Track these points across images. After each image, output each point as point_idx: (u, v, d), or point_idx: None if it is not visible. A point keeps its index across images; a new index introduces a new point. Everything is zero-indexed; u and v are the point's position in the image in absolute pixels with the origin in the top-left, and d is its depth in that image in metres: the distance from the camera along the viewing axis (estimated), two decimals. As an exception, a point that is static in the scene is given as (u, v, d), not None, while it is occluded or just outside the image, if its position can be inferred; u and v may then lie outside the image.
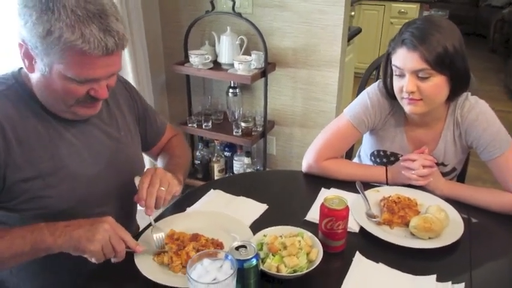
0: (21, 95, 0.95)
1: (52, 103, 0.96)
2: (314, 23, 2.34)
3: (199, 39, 2.57)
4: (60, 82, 0.88)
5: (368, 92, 1.40)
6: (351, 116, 1.39)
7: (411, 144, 1.41)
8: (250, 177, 1.30)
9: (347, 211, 1.04)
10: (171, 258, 0.98)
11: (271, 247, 0.98)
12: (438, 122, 1.36)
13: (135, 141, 1.20)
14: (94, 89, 0.92)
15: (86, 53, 0.84)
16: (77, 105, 0.94)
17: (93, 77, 0.89)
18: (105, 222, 0.90)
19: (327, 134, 1.42)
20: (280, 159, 2.74)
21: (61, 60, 0.84)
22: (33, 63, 0.89)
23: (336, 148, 1.42)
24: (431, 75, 1.20)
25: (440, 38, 1.18)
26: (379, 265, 1.01)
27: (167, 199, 1.03)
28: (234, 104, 2.55)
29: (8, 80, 0.96)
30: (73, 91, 0.90)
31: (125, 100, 1.18)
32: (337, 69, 2.40)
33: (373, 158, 1.49)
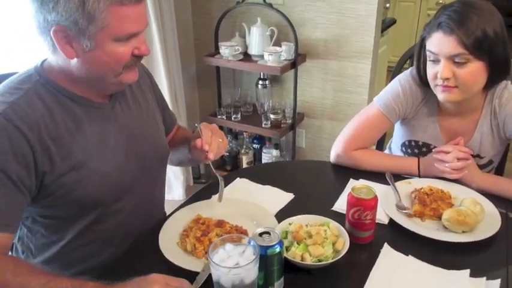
0: (48, 90, 0.95)
1: (98, 81, 0.96)
2: (346, 13, 2.29)
3: (229, 31, 2.56)
4: (108, 50, 0.90)
5: (400, 80, 1.35)
6: (381, 104, 1.35)
7: (445, 134, 1.35)
8: (277, 166, 1.28)
9: (375, 201, 1.01)
10: (194, 245, 0.98)
11: (296, 235, 0.96)
12: (474, 111, 1.30)
13: (160, 126, 1.20)
14: (137, 47, 0.95)
15: (124, 4, 0.87)
16: (125, 70, 0.96)
17: (136, 30, 0.92)
18: (153, 282, 0.80)
19: (356, 123, 1.38)
20: (310, 152, 2.71)
21: (104, 22, 0.87)
22: (72, 47, 0.89)
23: (365, 137, 1.37)
24: (468, 61, 1.14)
25: (480, 22, 1.12)
26: (409, 258, 0.98)
27: (222, 152, 1.11)
28: (263, 96, 2.53)
29: (32, 76, 0.95)
30: (121, 54, 0.92)
31: (147, 85, 1.18)
32: (369, 60, 2.34)
33: (404, 149, 1.44)
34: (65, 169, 0.95)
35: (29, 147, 0.89)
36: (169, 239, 1.02)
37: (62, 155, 0.94)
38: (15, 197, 0.89)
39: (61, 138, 0.94)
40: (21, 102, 0.91)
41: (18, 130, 0.88)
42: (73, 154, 0.96)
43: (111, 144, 1.03)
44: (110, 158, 1.03)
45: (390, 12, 4.20)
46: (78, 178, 0.97)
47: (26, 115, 0.89)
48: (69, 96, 0.97)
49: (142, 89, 1.15)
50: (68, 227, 1.03)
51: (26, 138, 0.88)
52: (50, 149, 0.92)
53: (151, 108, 1.17)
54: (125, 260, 1.00)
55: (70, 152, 0.95)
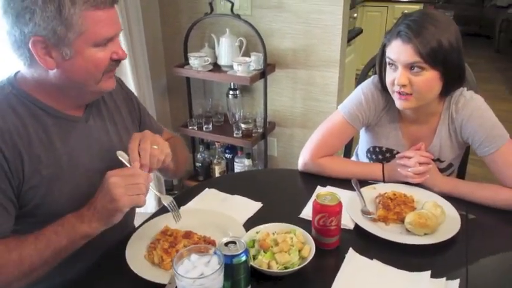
0: (21, 101, 0.95)
1: (78, 89, 0.96)
2: (313, 23, 2.34)
3: (199, 42, 2.58)
4: (87, 55, 0.91)
5: (362, 88, 1.39)
6: (345, 112, 1.38)
7: (407, 140, 1.39)
8: (246, 176, 1.29)
9: (340, 207, 1.03)
10: (161, 257, 0.98)
11: (263, 244, 0.97)
12: (433, 117, 1.35)
13: None
14: (114, 51, 0.96)
15: (99, 8, 0.89)
16: (104, 76, 0.96)
17: (112, 33, 0.94)
18: (109, 178, 0.90)
19: (322, 131, 1.41)
20: (282, 160, 2.73)
21: (82, 28, 0.88)
22: (52, 57, 0.90)
23: (331, 145, 1.40)
24: (423, 69, 1.19)
25: (436, 32, 1.17)
26: (373, 261, 1.00)
27: (161, 159, 1.01)
28: (234, 105, 2.54)
29: (4, 87, 0.96)
30: (100, 59, 0.93)
31: (121, 98, 1.18)
32: (336, 69, 2.39)
33: (369, 155, 1.48)
34: (36, 180, 0.94)
35: (3, 157, 0.89)
36: (137, 251, 1.01)
37: (33, 166, 0.94)
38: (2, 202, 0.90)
39: (33, 150, 0.94)
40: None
41: None
42: (44, 166, 0.95)
43: (83, 158, 1.03)
44: (82, 172, 1.02)
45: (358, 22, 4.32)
46: (49, 190, 0.96)
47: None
48: (43, 108, 0.97)
49: (116, 102, 1.15)
50: None
51: (1, 150, 0.89)
52: (23, 159, 0.92)
53: (126, 122, 1.17)
54: (92, 274, 0.99)
55: (41, 163, 0.95)
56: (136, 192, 0.91)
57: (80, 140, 1.03)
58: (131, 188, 0.91)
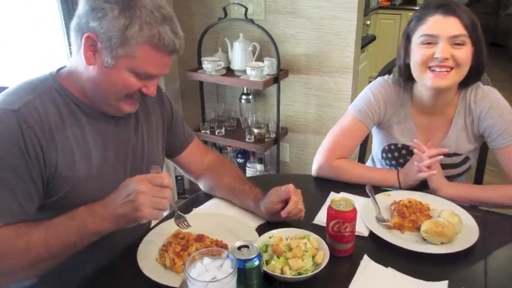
0: (61, 96, 0.98)
1: (100, 96, 0.98)
2: (327, 29, 2.33)
3: (212, 46, 2.58)
4: (122, 75, 0.94)
5: (370, 87, 1.40)
6: (355, 111, 1.38)
7: (421, 133, 1.38)
8: (259, 180, 1.27)
9: (354, 213, 1.01)
10: (173, 260, 0.97)
11: (276, 249, 0.96)
12: (449, 108, 1.34)
13: (159, 146, 1.20)
14: (147, 86, 0.98)
15: (158, 49, 0.92)
16: (125, 99, 0.99)
17: (155, 73, 0.97)
18: (138, 185, 0.89)
19: (334, 132, 1.40)
20: (294, 166, 2.72)
21: (135, 53, 0.91)
22: (95, 56, 0.93)
23: (345, 146, 1.38)
24: (464, 44, 1.20)
25: (468, 11, 1.21)
26: (388, 269, 0.98)
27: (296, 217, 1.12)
28: (247, 110, 2.54)
29: (47, 80, 0.99)
30: (130, 85, 0.96)
31: (153, 100, 1.18)
32: (350, 75, 2.38)
33: (384, 155, 1.46)
34: (67, 174, 0.96)
35: (40, 148, 0.91)
36: (149, 254, 1.01)
37: (67, 159, 0.95)
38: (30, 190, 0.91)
39: (69, 144, 0.96)
40: (36, 103, 0.93)
41: (32, 131, 0.90)
42: (77, 161, 0.97)
43: (111, 157, 1.05)
44: (109, 170, 1.04)
45: (371, 30, 4.30)
46: (77, 185, 0.97)
47: (39, 117, 0.91)
48: (79, 105, 1.00)
49: (147, 104, 1.15)
50: None
51: (38, 139, 0.90)
52: (58, 151, 0.94)
53: (154, 124, 1.17)
54: (104, 274, 0.99)
55: (74, 158, 0.97)
56: (159, 207, 0.91)
57: (110, 140, 1.05)
58: (157, 202, 0.90)
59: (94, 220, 0.91)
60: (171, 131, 1.24)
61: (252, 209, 1.18)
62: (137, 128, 1.12)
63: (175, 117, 1.25)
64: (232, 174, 1.27)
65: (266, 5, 2.41)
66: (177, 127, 1.26)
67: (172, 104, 1.25)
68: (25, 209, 0.91)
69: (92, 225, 0.91)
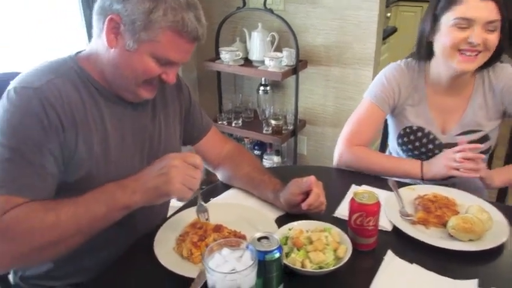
0: (80, 77, 0.97)
1: (119, 80, 0.97)
2: (348, 20, 2.28)
3: (230, 36, 2.55)
4: (143, 59, 0.92)
5: (384, 72, 1.41)
6: (371, 97, 1.39)
7: (437, 114, 1.39)
8: (278, 172, 1.24)
9: (378, 206, 0.97)
10: (190, 250, 0.95)
11: (296, 241, 0.93)
12: (467, 87, 1.35)
13: (176, 134, 1.18)
14: (167, 72, 0.97)
15: (181, 35, 0.91)
16: (144, 85, 0.97)
17: (176, 60, 0.95)
18: (172, 160, 0.90)
19: (352, 120, 1.42)
20: (311, 159, 2.68)
21: (157, 37, 0.90)
22: (117, 39, 0.92)
23: (364, 133, 1.39)
24: (495, 30, 1.20)
25: None
26: (414, 266, 0.94)
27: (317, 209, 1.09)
28: (264, 101, 2.51)
29: (67, 63, 0.98)
30: (150, 70, 0.94)
31: (171, 87, 1.15)
32: (371, 67, 2.32)
33: (400, 140, 1.44)
34: (86, 154, 0.95)
35: (60, 124, 0.90)
36: (166, 243, 0.99)
37: (86, 140, 0.94)
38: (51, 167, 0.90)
39: (88, 124, 0.95)
40: (56, 82, 0.92)
41: (52, 108, 0.89)
42: (96, 142, 0.96)
43: (128, 142, 1.03)
44: (126, 156, 1.03)
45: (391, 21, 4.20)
46: (95, 166, 0.96)
47: (59, 94, 0.90)
48: (97, 88, 0.98)
49: (165, 91, 1.13)
50: None
51: (58, 115, 0.89)
52: (78, 131, 0.93)
53: (172, 116, 1.15)
54: (120, 263, 0.97)
55: (93, 139, 0.96)
56: (189, 186, 0.90)
57: (128, 125, 1.03)
58: (188, 180, 0.90)
59: (124, 193, 0.90)
60: (189, 119, 1.22)
61: (270, 200, 1.15)
62: (154, 116, 1.10)
63: (193, 105, 1.23)
64: (251, 164, 1.24)
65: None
66: (195, 115, 1.24)
67: (190, 92, 1.22)
68: (47, 185, 0.90)
69: (122, 199, 0.89)
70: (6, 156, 0.86)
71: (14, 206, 0.84)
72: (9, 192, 0.85)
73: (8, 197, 0.84)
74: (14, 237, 0.83)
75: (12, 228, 0.83)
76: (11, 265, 0.93)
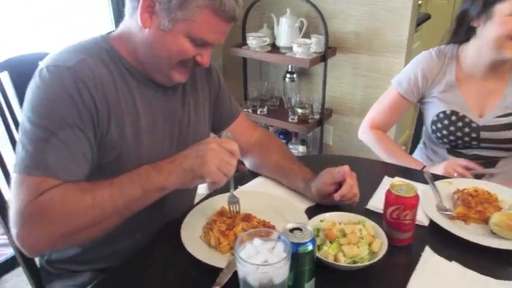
0: (111, 57, 0.94)
1: (152, 62, 0.95)
2: (380, 5, 2.19)
3: (257, 22, 2.50)
4: (178, 40, 0.90)
5: (413, 61, 1.44)
6: (397, 85, 1.44)
7: (471, 100, 1.37)
8: (307, 160, 1.19)
9: (416, 199, 0.92)
10: (218, 239, 0.92)
11: (329, 233, 0.88)
12: (504, 69, 1.34)
13: (205, 119, 1.15)
14: (201, 54, 0.94)
15: (218, 15, 0.88)
16: (177, 67, 0.95)
17: (211, 41, 0.92)
18: (209, 143, 0.89)
19: (378, 106, 1.51)
20: (337, 149, 2.62)
21: (194, 16, 0.87)
22: (152, 19, 0.89)
23: (385, 118, 1.49)
24: None
25: None
26: (453, 264, 0.88)
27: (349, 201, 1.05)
28: (290, 89, 2.45)
29: (98, 43, 0.96)
30: (185, 51, 0.92)
31: (200, 75, 1.13)
32: (403, 55, 2.24)
33: (434, 127, 1.43)
34: (118, 136, 0.93)
35: (93, 104, 0.88)
36: (193, 232, 0.96)
37: (119, 121, 0.92)
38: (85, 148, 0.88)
39: (120, 105, 0.93)
40: (89, 61, 0.90)
41: (86, 87, 0.87)
42: (128, 124, 0.94)
43: (159, 126, 1.01)
44: (159, 138, 1.01)
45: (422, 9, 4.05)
46: (127, 149, 0.94)
47: (92, 74, 0.89)
48: (129, 68, 0.96)
49: (195, 75, 1.10)
50: None
51: (92, 95, 0.87)
52: (110, 112, 0.91)
53: (201, 101, 1.12)
54: (147, 249, 0.95)
55: (125, 121, 0.94)
56: (224, 171, 0.88)
57: (158, 109, 1.01)
58: (224, 165, 0.88)
59: (159, 174, 0.87)
60: (218, 104, 1.18)
61: (300, 189, 1.11)
62: (184, 100, 1.07)
63: (222, 90, 1.19)
64: (281, 152, 1.20)
65: (316, -21, 2.29)
66: (224, 100, 1.20)
67: (220, 76, 1.19)
68: (80, 167, 0.88)
69: (157, 180, 0.87)
70: (41, 136, 0.83)
71: (49, 188, 0.81)
72: (43, 173, 0.82)
73: (43, 178, 0.82)
74: (50, 219, 0.81)
75: (48, 210, 0.81)
76: (46, 248, 0.90)
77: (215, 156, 0.87)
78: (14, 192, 0.83)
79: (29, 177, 0.82)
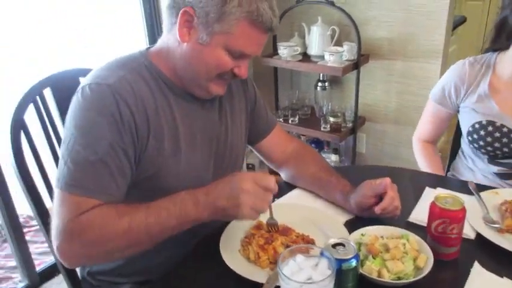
0: (151, 73, 0.96)
1: (191, 76, 0.95)
2: (414, 10, 2.15)
3: (288, 31, 2.49)
4: (216, 53, 0.90)
5: (448, 71, 1.41)
6: (433, 96, 1.45)
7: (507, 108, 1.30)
8: (344, 171, 1.17)
9: (463, 213, 0.88)
10: (257, 254, 0.91)
11: (371, 248, 0.86)
12: None
13: (242, 131, 1.15)
14: (239, 66, 0.94)
15: (256, 26, 0.88)
16: (215, 80, 0.95)
17: (249, 52, 0.92)
18: (243, 182, 0.85)
19: (422, 117, 1.53)
20: (370, 157, 2.57)
21: (231, 29, 0.87)
22: (190, 33, 0.90)
23: (430, 129, 1.51)
24: None
25: None
26: (504, 280, 0.84)
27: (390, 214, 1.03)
28: (322, 98, 2.43)
29: (138, 58, 0.97)
30: (223, 64, 0.92)
31: (237, 86, 1.13)
32: (439, 60, 2.18)
33: (470, 138, 1.36)
34: (157, 152, 0.94)
35: (133, 121, 0.89)
36: (231, 245, 0.95)
37: (157, 137, 0.93)
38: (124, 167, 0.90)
39: (159, 121, 0.94)
40: (129, 78, 0.91)
41: (126, 104, 0.88)
42: (167, 139, 0.95)
43: (198, 141, 1.02)
44: (197, 153, 1.01)
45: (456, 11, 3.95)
46: (165, 165, 0.95)
47: (132, 90, 0.90)
48: (167, 83, 0.97)
49: (231, 87, 1.11)
50: None
51: (132, 113, 0.89)
52: (150, 128, 0.92)
53: (238, 113, 1.12)
54: (187, 262, 0.95)
55: (164, 136, 0.94)
56: (258, 209, 0.86)
57: (197, 122, 1.01)
58: (258, 204, 0.85)
59: (195, 207, 0.87)
60: (254, 116, 1.18)
61: (339, 201, 1.08)
62: (221, 113, 1.07)
63: (258, 102, 1.19)
64: (318, 163, 1.18)
65: (347, -14, 2.27)
66: (260, 112, 1.20)
67: (255, 88, 1.18)
68: (119, 186, 0.89)
69: (192, 213, 0.87)
70: (82, 155, 0.86)
71: (89, 208, 0.84)
72: (84, 194, 0.85)
73: (83, 198, 0.85)
74: (88, 240, 0.84)
75: (88, 231, 0.83)
76: (83, 263, 0.95)
77: (249, 198, 0.84)
78: (56, 209, 0.86)
79: (70, 195, 0.85)
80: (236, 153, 1.12)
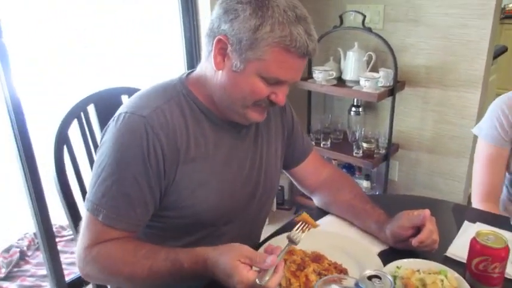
0: (187, 102, 0.96)
1: (227, 103, 0.95)
2: (454, 39, 2.11)
3: (323, 55, 2.50)
4: (250, 80, 0.89)
5: (492, 106, 1.35)
6: (486, 137, 1.34)
7: None
8: (377, 200, 1.15)
9: (507, 251, 0.85)
10: (289, 280, 0.89)
11: (408, 283, 0.83)
12: None
13: (277, 156, 1.14)
14: (276, 93, 0.92)
15: (290, 51, 0.85)
16: (252, 107, 0.94)
17: (285, 78, 0.90)
18: (237, 278, 0.79)
19: (477, 170, 1.37)
20: (403, 186, 2.51)
21: (264, 55, 0.86)
22: (225, 61, 0.90)
23: (492, 182, 1.35)
24: None
25: None
26: (550, 326, 0.79)
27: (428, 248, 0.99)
28: (355, 123, 2.41)
29: (176, 86, 0.98)
30: (259, 91, 0.90)
31: (274, 111, 1.12)
32: (478, 90, 2.13)
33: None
34: (185, 183, 0.94)
35: (162, 155, 0.90)
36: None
37: (187, 169, 0.94)
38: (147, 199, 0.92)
39: (190, 152, 0.94)
40: (164, 108, 0.92)
41: (157, 137, 0.89)
42: (197, 170, 0.95)
43: (233, 168, 1.01)
44: (230, 181, 1.01)
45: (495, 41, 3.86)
46: (194, 194, 0.96)
47: (166, 122, 0.91)
48: (203, 111, 0.97)
49: (269, 115, 1.09)
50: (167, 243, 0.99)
51: (162, 146, 0.90)
52: (179, 160, 0.93)
53: (274, 138, 1.12)
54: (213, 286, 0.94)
55: (194, 167, 0.95)
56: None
57: (232, 148, 1.01)
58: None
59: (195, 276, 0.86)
60: (290, 142, 1.17)
61: (373, 231, 1.06)
62: (257, 138, 1.07)
63: (296, 127, 1.18)
64: (353, 191, 1.16)
65: (385, 13, 2.27)
66: (297, 138, 1.19)
67: (293, 113, 1.18)
68: (139, 217, 0.92)
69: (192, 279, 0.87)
70: (108, 180, 0.89)
71: (109, 239, 0.89)
72: (106, 222, 0.89)
73: (105, 227, 0.90)
74: (98, 268, 0.90)
75: (101, 262, 0.89)
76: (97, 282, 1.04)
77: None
78: (82, 227, 0.93)
79: (94, 220, 0.90)
80: (271, 180, 1.11)
